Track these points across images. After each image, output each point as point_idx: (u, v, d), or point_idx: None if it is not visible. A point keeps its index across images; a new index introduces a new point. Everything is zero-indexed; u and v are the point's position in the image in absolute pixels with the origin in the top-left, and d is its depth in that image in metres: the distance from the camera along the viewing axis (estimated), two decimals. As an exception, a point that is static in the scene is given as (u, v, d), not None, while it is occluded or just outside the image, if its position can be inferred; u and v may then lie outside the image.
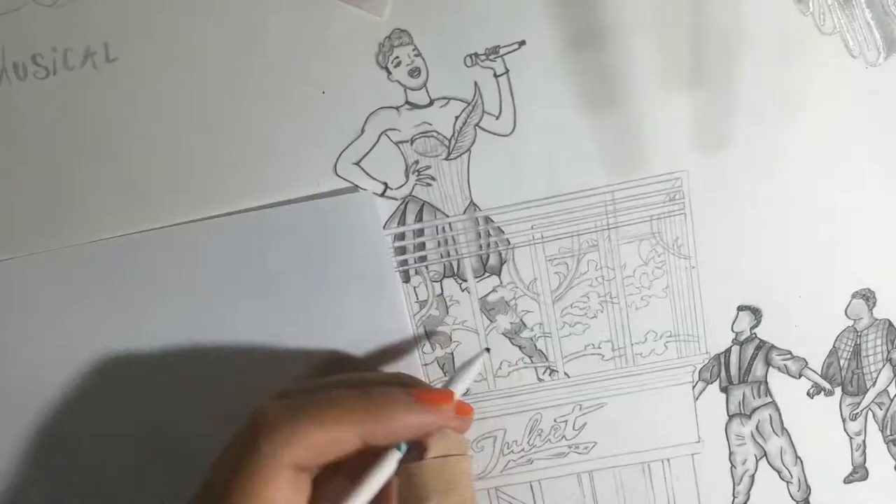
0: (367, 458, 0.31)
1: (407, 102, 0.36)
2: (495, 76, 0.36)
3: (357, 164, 0.36)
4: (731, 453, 0.39)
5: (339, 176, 0.36)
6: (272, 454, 0.29)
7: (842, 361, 0.38)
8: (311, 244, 0.36)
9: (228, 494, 0.29)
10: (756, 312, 0.38)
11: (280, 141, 0.36)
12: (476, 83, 0.36)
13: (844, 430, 0.39)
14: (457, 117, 0.36)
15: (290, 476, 0.30)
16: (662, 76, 0.35)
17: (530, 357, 0.38)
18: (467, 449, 0.33)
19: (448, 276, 0.37)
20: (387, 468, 0.31)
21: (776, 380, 0.38)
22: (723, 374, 0.38)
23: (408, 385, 0.33)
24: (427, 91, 0.36)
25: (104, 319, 0.37)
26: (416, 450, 0.32)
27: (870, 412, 0.39)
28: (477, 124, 0.36)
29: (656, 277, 0.37)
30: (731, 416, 0.39)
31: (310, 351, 0.37)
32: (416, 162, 0.36)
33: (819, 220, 0.36)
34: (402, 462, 0.31)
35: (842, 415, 0.39)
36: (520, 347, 0.38)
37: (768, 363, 0.38)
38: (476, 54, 0.35)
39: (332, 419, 0.30)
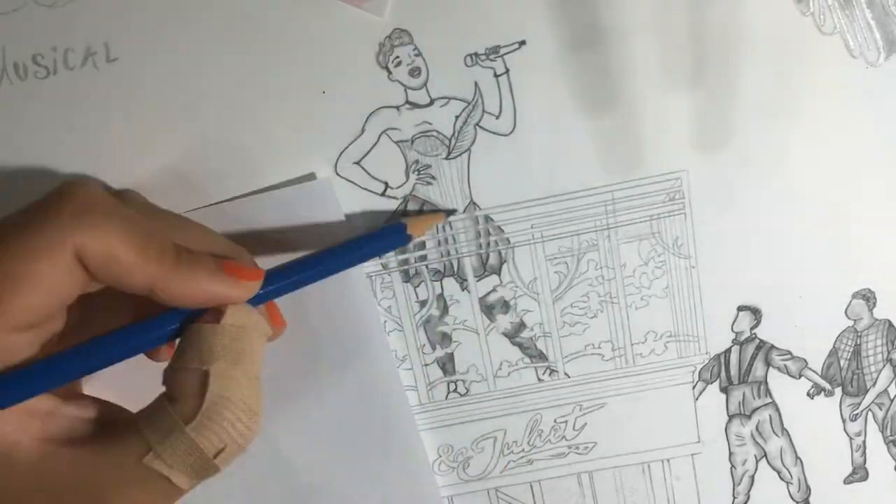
0: None
1: (407, 102, 0.36)
2: (495, 76, 0.36)
3: (357, 163, 0.36)
4: (731, 453, 0.39)
5: (339, 175, 0.36)
6: (62, 227, 0.27)
7: (842, 362, 0.38)
8: (274, 233, 0.36)
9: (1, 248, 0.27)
10: (756, 312, 0.38)
11: (280, 141, 0.36)
12: (476, 83, 0.36)
13: (844, 430, 0.39)
14: (457, 117, 0.36)
15: (69, 261, 0.27)
16: (662, 76, 0.35)
17: (530, 357, 0.38)
18: (266, 330, 0.31)
19: (448, 276, 0.37)
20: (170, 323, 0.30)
21: (776, 380, 0.38)
22: (723, 374, 0.38)
23: (225, 254, 0.32)
24: (427, 91, 0.36)
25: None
26: (212, 312, 0.30)
27: (870, 413, 0.39)
28: (477, 124, 0.36)
29: (656, 277, 0.37)
30: (731, 417, 0.39)
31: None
32: (417, 161, 0.36)
33: (819, 220, 0.36)
34: (191, 318, 0.30)
35: (842, 415, 0.39)
36: (520, 347, 0.38)
37: (768, 363, 0.38)
38: (476, 54, 0.35)
39: (136, 244, 0.28)
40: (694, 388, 0.38)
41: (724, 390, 0.39)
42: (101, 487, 0.28)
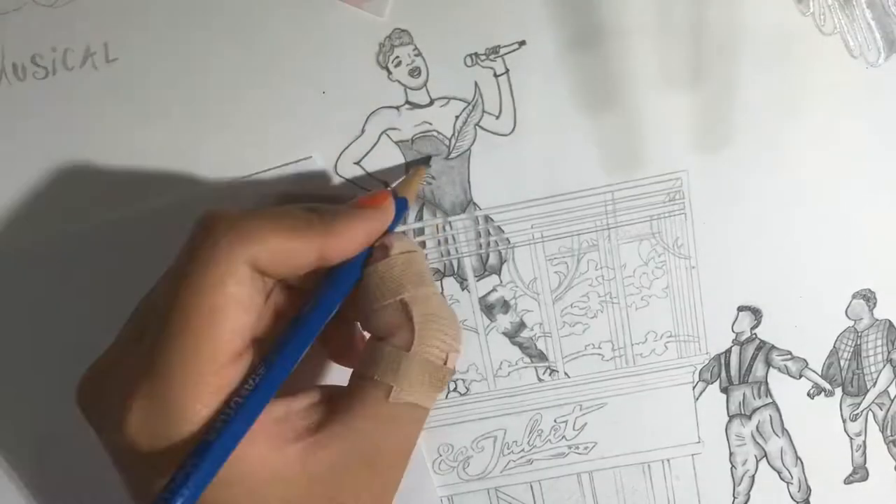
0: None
1: (407, 102, 0.36)
2: (495, 76, 0.36)
3: (357, 163, 0.36)
4: (731, 454, 0.39)
5: (339, 175, 0.36)
6: (230, 247, 0.28)
7: (842, 362, 0.38)
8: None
9: (185, 291, 0.28)
10: (756, 313, 0.38)
11: (280, 141, 0.36)
12: (476, 83, 0.36)
13: (845, 430, 0.39)
14: (457, 117, 0.36)
15: (249, 273, 0.28)
16: (662, 76, 0.35)
17: (530, 357, 0.38)
18: (420, 247, 0.33)
19: (448, 276, 0.37)
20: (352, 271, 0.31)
21: (776, 380, 0.38)
22: (723, 374, 0.38)
23: (347, 199, 0.33)
24: (427, 91, 0.36)
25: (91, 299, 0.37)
26: (377, 251, 0.32)
27: (870, 413, 0.38)
28: (477, 124, 0.36)
29: (656, 277, 0.37)
30: (731, 417, 0.39)
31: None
32: (417, 161, 0.36)
33: (819, 220, 0.36)
34: (366, 267, 0.31)
35: (842, 415, 0.39)
36: (520, 347, 0.38)
37: (769, 363, 0.38)
38: (476, 54, 0.35)
39: (288, 228, 0.29)
40: (694, 388, 0.38)
41: (725, 390, 0.39)
42: (371, 446, 0.30)
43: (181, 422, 0.27)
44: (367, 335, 0.33)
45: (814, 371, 0.38)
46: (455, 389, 0.39)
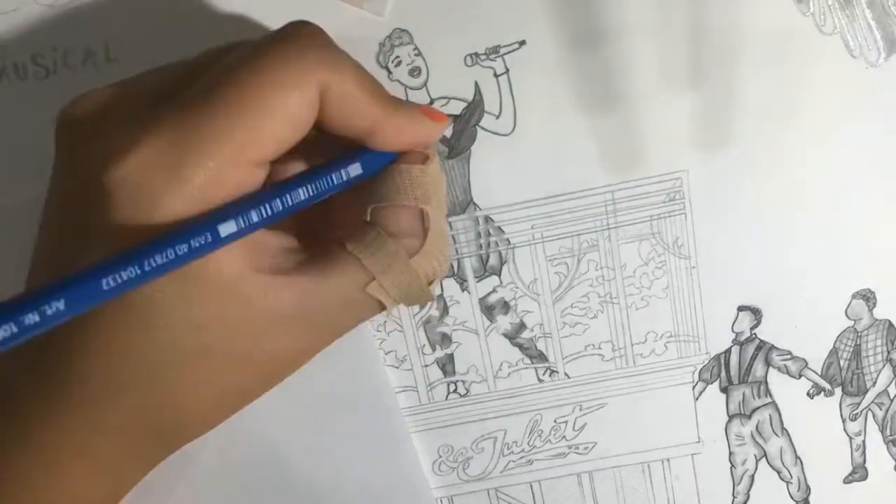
0: None
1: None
2: (495, 76, 0.36)
3: (357, 164, 0.36)
4: (730, 453, 0.39)
5: (339, 176, 0.36)
6: (315, 62, 0.27)
7: (842, 362, 0.38)
8: None
9: (252, 75, 0.26)
10: (756, 312, 0.38)
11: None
12: (476, 83, 0.36)
13: (844, 430, 0.39)
14: (457, 117, 0.36)
15: (313, 97, 0.27)
16: (662, 76, 0.35)
17: (531, 358, 0.38)
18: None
19: (448, 276, 0.37)
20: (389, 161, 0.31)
21: (776, 380, 0.38)
22: (723, 374, 0.38)
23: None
24: (427, 90, 0.36)
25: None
26: (416, 155, 0.31)
27: (870, 412, 0.39)
28: (477, 124, 0.36)
29: (656, 277, 0.37)
30: (731, 417, 0.39)
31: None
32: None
33: (819, 220, 0.36)
34: (403, 164, 0.31)
35: (842, 415, 0.39)
36: (520, 348, 0.38)
37: (768, 363, 0.38)
38: (476, 54, 0.35)
39: (369, 85, 0.29)
40: (694, 388, 0.38)
41: (724, 390, 0.39)
42: (317, 314, 0.29)
43: (182, 189, 0.26)
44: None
45: (813, 371, 0.38)
46: (455, 391, 0.39)
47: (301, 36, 0.28)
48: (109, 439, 0.28)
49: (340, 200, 0.31)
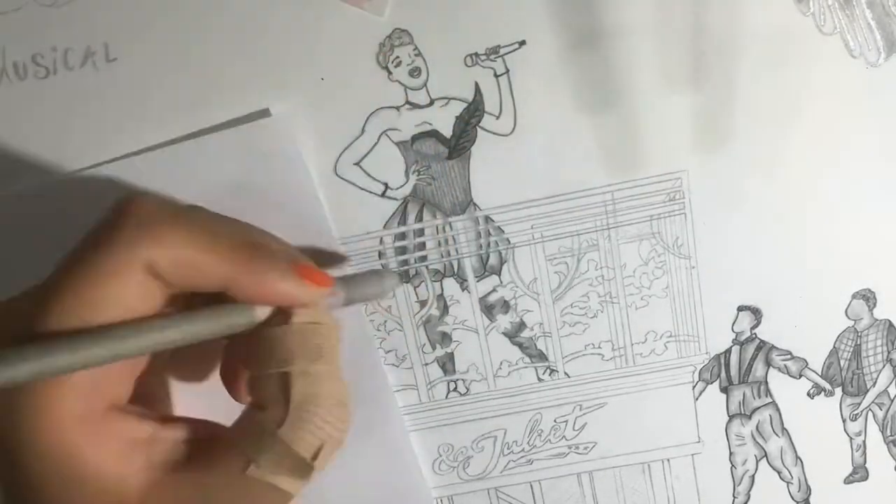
0: None
1: (407, 102, 0.36)
2: (495, 76, 0.36)
3: (357, 164, 0.36)
4: (731, 453, 0.39)
5: (339, 176, 0.36)
6: (129, 244, 0.26)
7: (842, 362, 0.38)
8: (230, 174, 0.35)
9: (69, 275, 0.26)
10: (756, 312, 0.38)
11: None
12: (476, 83, 0.36)
13: (844, 430, 0.39)
14: (457, 117, 0.36)
15: (142, 278, 0.27)
16: (662, 76, 0.35)
17: (530, 357, 0.38)
18: (335, 322, 0.30)
19: (448, 276, 0.37)
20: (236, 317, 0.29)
21: (776, 380, 0.38)
22: (723, 374, 0.38)
23: (294, 257, 0.31)
24: (427, 91, 0.36)
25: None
26: (280, 313, 0.29)
27: (870, 413, 0.39)
28: (477, 124, 0.36)
29: (656, 277, 0.37)
30: (731, 417, 0.39)
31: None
32: (417, 162, 0.36)
33: (819, 220, 0.36)
34: (262, 325, 0.29)
35: (842, 415, 0.39)
36: (520, 347, 0.38)
37: (768, 363, 0.38)
38: (476, 54, 0.35)
39: (207, 243, 0.27)
40: (694, 388, 0.38)
41: (725, 390, 0.39)
42: None
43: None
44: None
45: (814, 371, 0.38)
46: (455, 389, 0.39)
47: (120, 217, 0.27)
48: None
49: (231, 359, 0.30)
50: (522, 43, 0.35)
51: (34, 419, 0.26)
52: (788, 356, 0.38)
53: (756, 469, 0.39)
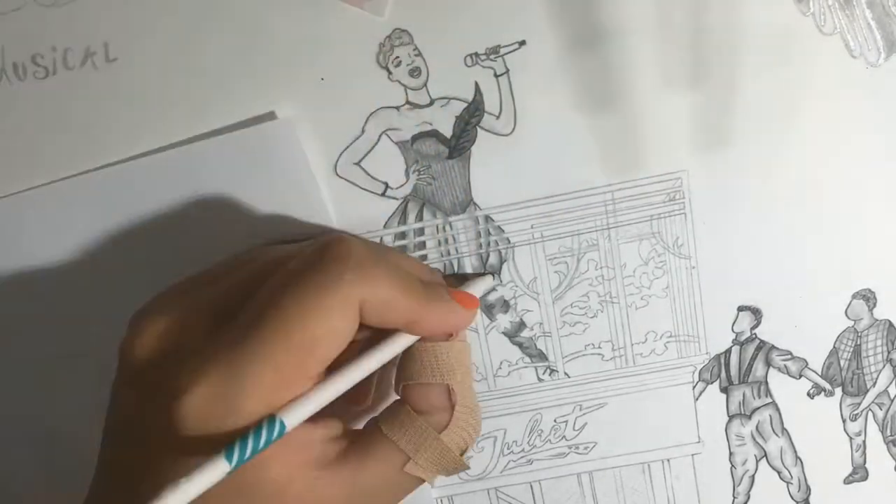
0: None
1: (407, 102, 0.36)
2: (495, 76, 0.36)
3: (357, 164, 0.36)
4: (731, 453, 0.39)
5: (339, 176, 0.36)
6: (351, 286, 0.29)
7: (842, 362, 0.38)
8: (235, 176, 0.36)
9: (295, 307, 0.28)
10: (756, 313, 0.38)
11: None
12: (476, 83, 0.36)
13: (844, 430, 0.39)
14: (457, 117, 0.36)
15: (356, 314, 0.29)
16: (662, 76, 0.35)
17: (530, 357, 0.38)
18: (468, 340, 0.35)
19: (448, 276, 0.37)
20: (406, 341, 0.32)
21: (776, 380, 0.38)
22: (723, 374, 0.38)
23: (447, 286, 0.35)
24: (427, 91, 0.36)
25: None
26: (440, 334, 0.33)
27: (870, 413, 0.39)
28: (477, 124, 0.36)
29: (656, 277, 0.37)
30: (731, 417, 0.39)
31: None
32: (417, 161, 0.36)
33: (819, 220, 0.36)
34: (424, 340, 0.33)
35: (842, 415, 0.39)
36: (520, 347, 0.38)
37: (768, 363, 0.38)
38: (476, 54, 0.35)
39: (402, 286, 0.30)
40: (694, 388, 0.38)
41: (725, 390, 0.39)
42: (368, 498, 0.31)
43: (238, 416, 0.28)
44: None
45: (814, 371, 0.38)
46: (455, 389, 0.39)
47: (336, 259, 0.30)
48: None
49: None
50: (522, 43, 0.35)
51: None
52: (788, 356, 0.38)
53: (756, 469, 0.39)
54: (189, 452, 0.27)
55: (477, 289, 0.36)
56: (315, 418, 0.30)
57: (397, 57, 0.35)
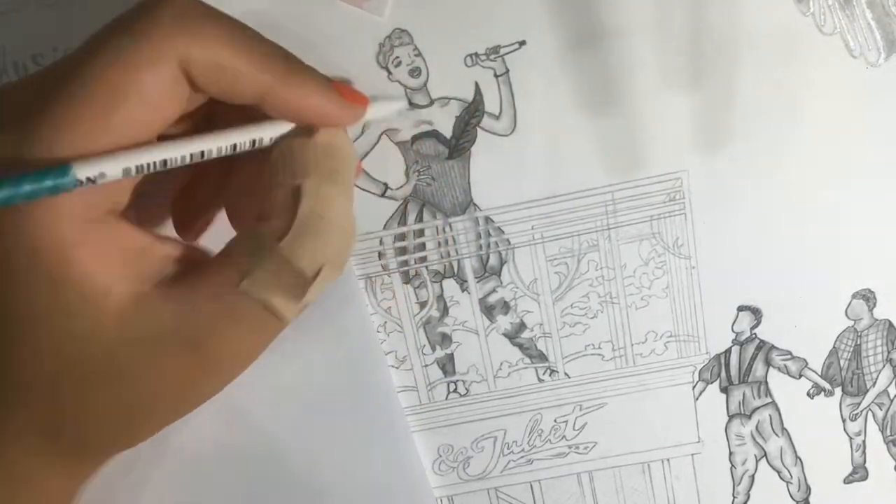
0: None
1: (407, 102, 0.36)
2: (495, 76, 0.36)
3: (357, 164, 0.36)
4: (731, 453, 0.39)
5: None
6: (166, 34, 0.24)
7: (842, 362, 0.38)
8: None
9: (95, 56, 0.24)
10: (756, 312, 0.38)
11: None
12: (476, 83, 0.36)
13: (844, 430, 0.39)
14: (457, 117, 0.36)
15: (175, 75, 0.25)
16: (662, 76, 0.35)
17: (531, 357, 0.38)
18: (355, 152, 0.30)
19: (448, 277, 0.37)
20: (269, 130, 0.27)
21: (776, 380, 0.38)
22: (723, 374, 0.38)
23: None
24: (427, 91, 0.36)
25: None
26: (303, 129, 0.28)
27: (870, 412, 0.39)
28: (477, 124, 0.36)
29: (656, 277, 0.37)
30: (731, 417, 0.39)
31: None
32: (417, 162, 0.36)
33: (819, 220, 0.36)
34: (281, 137, 0.28)
35: (842, 415, 0.39)
36: (520, 348, 0.38)
37: (768, 363, 0.38)
38: (476, 54, 0.35)
39: (245, 47, 0.26)
40: (694, 388, 0.38)
41: (725, 390, 0.39)
42: (197, 327, 0.26)
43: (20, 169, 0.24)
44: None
45: (814, 371, 0.38)
46: (455, 390, 0.39)
47: (154, 6, 0.25)
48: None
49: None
50: (522, 43, 0.35)
51: (30, 210, 0.24)
52: (788, 356, 0.38)
53: (756, 469, 0.39)
54: None
55: (382, 106, 0.32)
56: (162, 237, 0.27)
57: (397, 57, 0.35)
